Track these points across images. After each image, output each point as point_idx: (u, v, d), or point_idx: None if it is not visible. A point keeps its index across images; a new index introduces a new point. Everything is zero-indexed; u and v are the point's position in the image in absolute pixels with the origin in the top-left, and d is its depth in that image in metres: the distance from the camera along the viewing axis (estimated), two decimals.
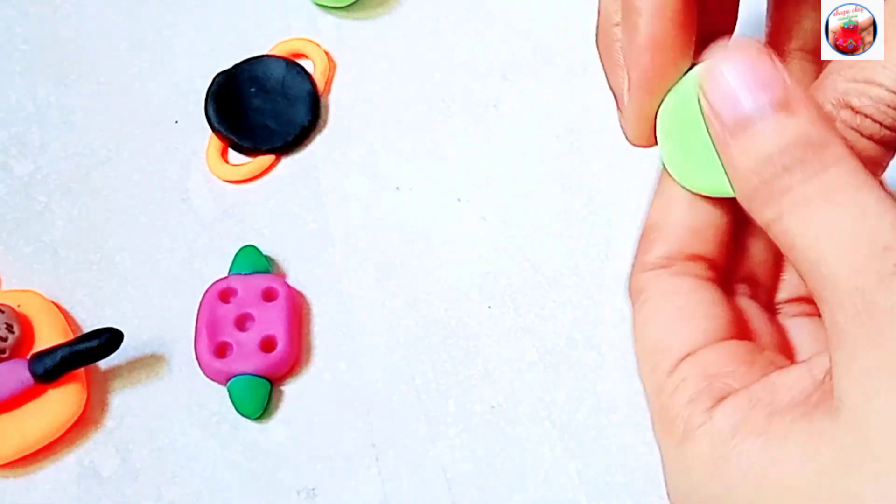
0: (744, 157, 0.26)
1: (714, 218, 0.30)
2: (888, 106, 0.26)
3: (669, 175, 0.30)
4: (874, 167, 0.27)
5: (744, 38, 0.28)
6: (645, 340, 0.29)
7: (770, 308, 0.31)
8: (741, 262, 0.30)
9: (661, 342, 0.28)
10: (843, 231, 0.24)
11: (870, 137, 0.27)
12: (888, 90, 0.26)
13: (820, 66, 0.30)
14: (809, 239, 0.25)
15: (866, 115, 0.26)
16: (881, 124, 0.26)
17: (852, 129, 0.27)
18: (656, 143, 0.31)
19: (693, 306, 0.28)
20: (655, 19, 0.28)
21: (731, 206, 0.30)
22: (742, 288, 0.30)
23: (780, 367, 0.26)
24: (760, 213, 0.26)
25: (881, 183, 0.28)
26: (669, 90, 0.31)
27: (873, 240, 0.24)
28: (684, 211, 0.30)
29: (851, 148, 0.26)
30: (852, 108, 0.26)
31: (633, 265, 0.30)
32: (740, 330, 0.29)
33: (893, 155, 0.27)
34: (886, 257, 0.23)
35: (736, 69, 0.26)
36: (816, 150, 0.25)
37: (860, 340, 0.23)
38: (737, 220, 0.31)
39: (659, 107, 0.31)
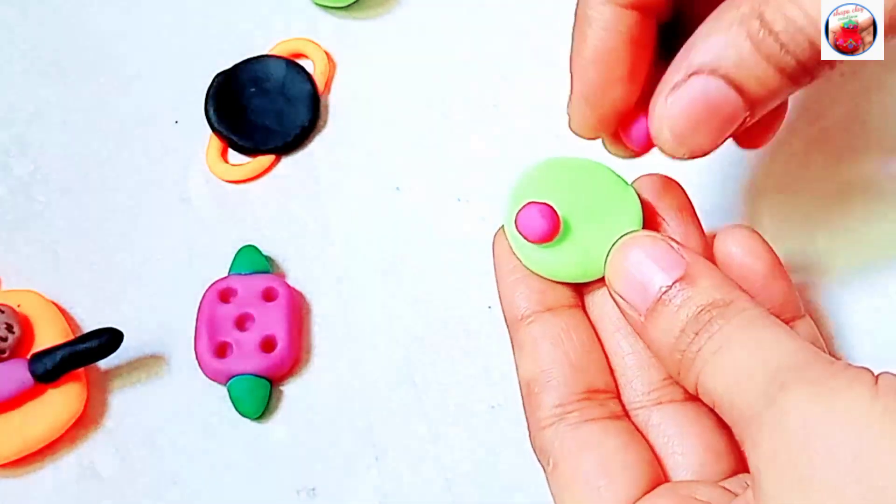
0: (661, 337, 0.26)
1: (581, 340, 0.30)
2: (798, 31, 0.25)
3: (521, 317, 0.30)
4: (772, 97, 0.26)
5: (640, 231, 0.29)
6: None
7: (626, 412, 0.30)
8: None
9: None
10: (741, 370, 0.24)
11: (767, 59, 0.26)
12: (806, 15, 0.25)
13: None
14: (720, 389, 0.25)
15: (773, 33, 0.25)
16: (784, 47, 0.25)
17: (753, 42, 0.25)
18: (596, 137, 0.31)
19: (607, 461, 0.27)
20: (606, 33, 0.28)
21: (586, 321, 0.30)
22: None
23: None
24: (688, 383, 0.26)
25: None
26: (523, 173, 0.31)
27: (766, 367, 0.24)
28: (552, 350, 0.29)
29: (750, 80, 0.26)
30: (762, 21, 0.25)
31: (529, 426, 0.29)
32: (655, 466, 0.28)
33: (794, 88, 0.26)
34: (776, 378, 0.23)
35: (638, 260, 0.27)
36: (721, 310, 0.26)
37: (761, 468, 0.23)
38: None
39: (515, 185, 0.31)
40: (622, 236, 0.28)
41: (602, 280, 0.29)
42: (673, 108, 0.27)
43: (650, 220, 0.31)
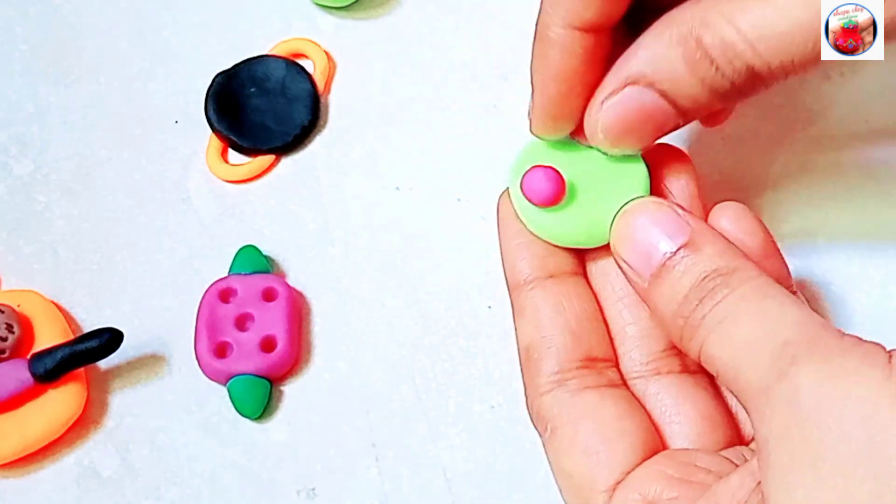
0: (665, 303, 0.27)
1: (583, 307, 0.30)
2: (736, 56, 0.26)
3: (521, 283, 0.30)
4: (705, 110, 0.27)
5: (646, 198, 0.29)
6: (565, 476, 0.28)
7: (624, 381, 0.30)
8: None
9: (584, 477, 0.27)
10: (748, 341, 0.24)
11: (701, 81, 0.27)
12: (745, 39, 0.26)
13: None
14: (726, 358, 0.25)
15: (709, 57, 0.26)
16: (720, 70, 0.26)
17: (690, 63, 0.26)
18: (556, 138, 0.31)
19: (606, 427, 0.27)
20: (566, 54, 0.29)
21: (586, 291, 0.30)
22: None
23: (717, 471, 0.26)
24: (691, 350, 0.26)
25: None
26: (527, 146, 0.32)
27: (774, 339, 0.24)
28: (553, 316, 0.29)
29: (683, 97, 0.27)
30: (698, 43, 0.26)
31: (527, 392, 0.29)
32: (653, 434, 0.28)
33: (728, 104, 0.28)
34: (785, 352, 0.23)
35: (643, 225, 0.27)
36: (725, 277, 0.26)
37: (771, 441, 0.23)
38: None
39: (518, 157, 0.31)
40: (628, 202, 0.28)
41: (604, 248, 0.29)
42: (607, 114, 0.28)
43: (657, 189, 0.31)
